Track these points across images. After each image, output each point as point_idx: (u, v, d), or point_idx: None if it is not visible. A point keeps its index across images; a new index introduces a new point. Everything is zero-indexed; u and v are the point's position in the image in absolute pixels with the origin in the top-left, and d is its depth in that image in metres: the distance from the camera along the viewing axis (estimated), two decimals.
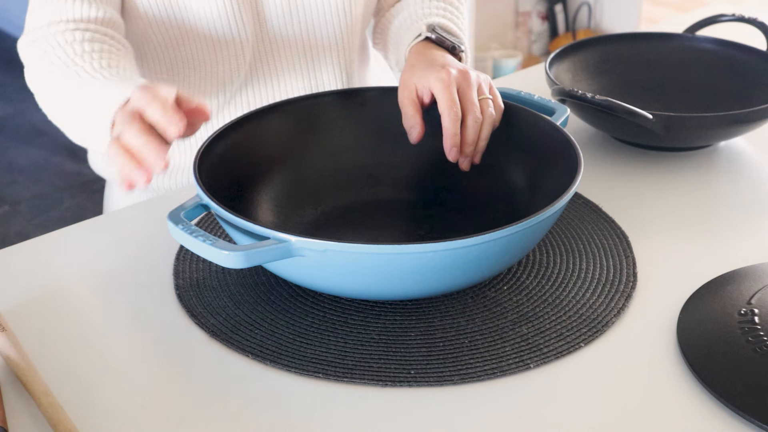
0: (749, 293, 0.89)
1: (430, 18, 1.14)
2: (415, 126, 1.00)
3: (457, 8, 1.19)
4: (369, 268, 0.81)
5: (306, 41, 1.19)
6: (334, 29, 1.19)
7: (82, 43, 1.03)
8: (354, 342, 0.85)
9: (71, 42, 1.03)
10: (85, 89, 0.97)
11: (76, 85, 0.98)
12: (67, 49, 1.02)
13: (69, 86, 1.00)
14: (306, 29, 1.18)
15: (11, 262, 0.99)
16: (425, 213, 1.04)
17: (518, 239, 0.83)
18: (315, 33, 1.18)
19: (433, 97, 1.01)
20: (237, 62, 1.16)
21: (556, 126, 0.99)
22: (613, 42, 1.32)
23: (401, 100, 1.02)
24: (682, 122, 1.11)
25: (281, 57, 1.19)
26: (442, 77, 0.99)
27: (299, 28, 1.17)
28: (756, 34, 1.35)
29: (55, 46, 1.03)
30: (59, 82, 1.01)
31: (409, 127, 1.01)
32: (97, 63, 1.00)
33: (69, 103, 1.00)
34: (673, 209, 1.07)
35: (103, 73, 0.98)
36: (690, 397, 0.79)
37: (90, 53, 1.02)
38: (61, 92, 1.01)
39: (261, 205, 1.00)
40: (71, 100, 0.99)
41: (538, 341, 0.85)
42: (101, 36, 1.05)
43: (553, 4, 3.33)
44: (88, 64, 1.00)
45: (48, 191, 2.83)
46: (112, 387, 0.82)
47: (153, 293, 0.92)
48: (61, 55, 1.02)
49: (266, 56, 1.18)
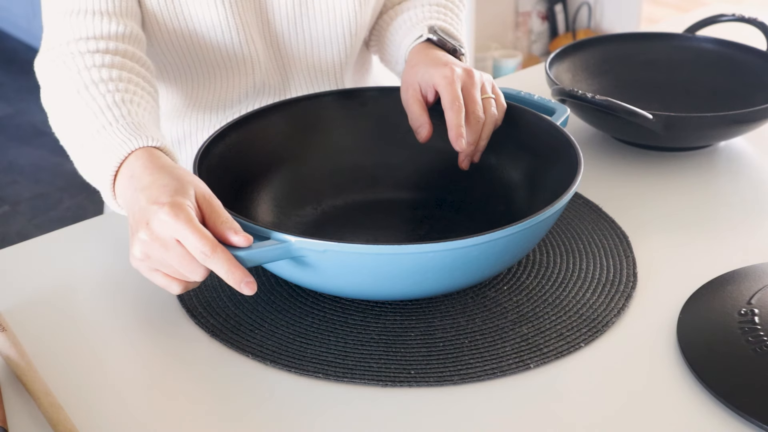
0: (749, 293, 0.89)
1: (431, 21, 1.14)
2: (424, 125, 1.00)
3: (456, 14, 1.19)
4: (369, 268, 0.81)
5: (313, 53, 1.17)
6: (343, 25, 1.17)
7: (101, 69, 0.97)
8: (354, 342, 0.85)
9: (89, 67, 0.97)
10: (89, 128, 0.92)
11: (83, 117, 0.93)
12: (84, 74, 0.96)
13: (76, 116, 0.94)
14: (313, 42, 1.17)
15: (11, 262, 0.99)
16: (425, 213, 1.04)
17: (518, 239, 0.83)
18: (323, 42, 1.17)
19: (437, 95, 1.01)
20: (247, 80, 1.15)
21: (556, 126, 0.99)
22: (613, 42, 1.32)
23: (405, 100, 1.02)
24: (682, 122, 1.11)
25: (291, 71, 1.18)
26: (446, 74, 0.99)
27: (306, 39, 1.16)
28: (756, 34, 1.35)
29: (71, 68, 0.98)
30: (68, 109, 0.96)
31: (417, 127, 1.01)
32: (110, 97, 0.93)
33: (73, 134, 0.95)
34: (673, 209, 1.07)
35: (114, 112, 0.91)
36: (690, 397, 0.79)
37: (106, 82, 0.95)
38: (69, 119, 0.96)
39: (261, 205, 1.00)
40: (76, 132, 0.94)
41: (538, 341, 0.85)
42: (123, 60, 1.00)
43: (553, 4, 3.33)
44: (101, 99, 0.93)
45: (48, 191, 2.83)
46: (112, 387, 0.82)
47: (153, 293, 0.92)
48: (76, 79, 0.96)
49: (276, 73, 1.17)
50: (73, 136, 0.94)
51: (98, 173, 0.90)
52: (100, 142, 0.89)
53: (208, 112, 1.19)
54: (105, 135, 0.89)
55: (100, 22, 1.02)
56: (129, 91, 0.96)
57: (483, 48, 3.17)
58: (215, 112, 1.19)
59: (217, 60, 1.13)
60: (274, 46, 1.15)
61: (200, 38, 1.10)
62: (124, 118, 0.90)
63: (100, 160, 0.89)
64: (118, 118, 0.90)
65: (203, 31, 1.10)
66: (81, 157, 0.93)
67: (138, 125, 0.90)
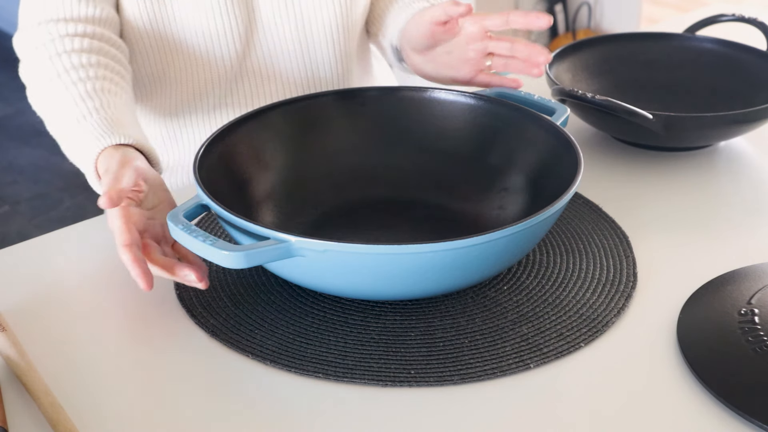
0: (749, 293, 0.89)
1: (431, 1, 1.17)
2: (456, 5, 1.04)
3: None
4: (369, 268, 0.81)
5: (301, 35, 1.18)
6: (330, 23, 1.18)
7: (80, 54, 1.03)
8: (354, 342, 0.85)
9: (67, 51, 1.03)
10: (70, 115, 0.99)
11: (64, 103, 1.00)
12: (64, 59, 1.02)
13: (57, 101, 1.01)
14: (301, 22, 1.17)
15: (11, 262, 0.99)
16: (425, 213, 1.04)
17: (518, 239, 0.83)
18: (311, 25, 1.17)
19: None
20: (229, 56, 1.16)
21: (556, 126, 0.99)
22: (613, 42, 1.32)
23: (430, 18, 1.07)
24: (682, 122, 1.11)
25: (276, 51, 1.18)
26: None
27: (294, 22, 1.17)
28: (756, 34, 1.35)
29: (51, 51, 1.03)
30: (49, 91, 1.02)
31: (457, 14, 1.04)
32: (88, 85, 1.00)
33: (55, 119, 1.01)
34: (674, 209, 1.07)
35: (88, 104, 0.99)
36: (690, 397, 0.79)
37: (86, 67, 1.02)
38: (50, 102, 1.02)
39: (261, 205, 1.00)
40: (57, 117, 1.01)
41: (538, 341, 0.85)
42: (98, 43, 1.05)
43: (553, 4, 3.33)
44: (80, 86, 1.00)
45: (48, 191, 2.83)
46: (112, 387, 0.82)
47: (153, 293, 0.92)
48: (55, 62, 1.02)
49: (260, 49, 1.17)
50: (54, 121, 1.01)
51: (80, 162, 0.99)
52: (79, 132, 0.97)
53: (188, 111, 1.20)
54: (84, 126, 0.97)
55: (78, 4, 1.07)
56: (106, 78, 1.02)
57: None
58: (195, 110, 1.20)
59: (194, 32, 1.13)
60: (256, 21, 1.15)
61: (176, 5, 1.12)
62: (98, 112, 0.98)
63: (81, 151, 0.97)
64: (92, 111, 0.98)
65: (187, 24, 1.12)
66: (64, 144, 1.01)
67: (112, 121, 0.97)
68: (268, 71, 1.19)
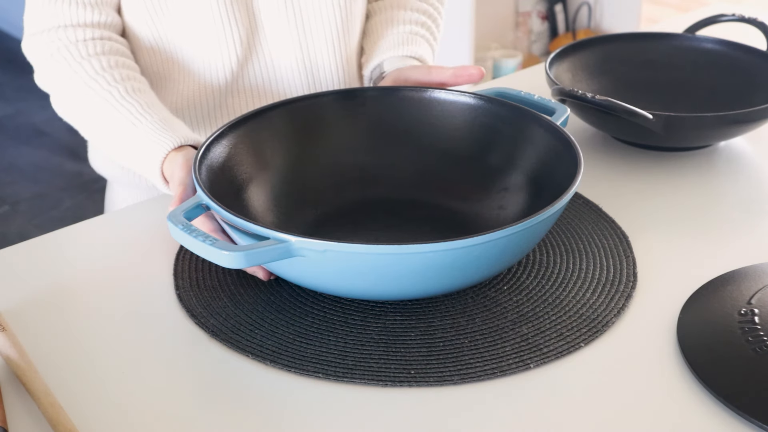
0: (749, 293, 0.89)
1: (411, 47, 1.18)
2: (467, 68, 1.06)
3: (435, 21, 1.24)
4: (369, 268, 0.81)
5: (302, 38, 1.18)
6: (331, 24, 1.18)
7: (100, 57, 1.05)
8: (354, 342, 0.85)
9: (89, 56, 1.05)
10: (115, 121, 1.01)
11: (103, 108, 1.02)
12: (85, 64, 1.04)
13: (94, 106, 1.03)
14: (302, 26, 1.17)
15: (11, 262, 0.99)
16: (425, 213, 1.04)
17: (518, 239, 0.83)
18: (311, 29, 1.17)
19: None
20: (230, 60, 1.16)
21: (556, 126, 0.99)
22: (613, 42, 1.32)
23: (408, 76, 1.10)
24: (682, 122, 1.11)
25: (276, 55, 1.18)
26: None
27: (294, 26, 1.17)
28: (756, 34, 1.35)
29: (69, 58, 1.05)
30: (84, 100, 1.03)
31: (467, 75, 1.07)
32: (122, 87, 1.03)
33: (97, 125, 1.04)
34: (674, 209, 1.07)
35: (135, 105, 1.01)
36: (690, 397, 0.79)
37: (112, 69, 1.04)
38: (85, 109, 1.04)
39: (261, 205, 1.00)
40: (99, 123, 1.03)
41: (538, 341, 0.85)
42: (112, 45, 1.07)
43: (553, 4, 3.33)
44: (115, 89, 1.02)
45: (48, 191, 2.83)
46: (112, 387, 0.82)
47: (153, 293, 0.92)
48: (79, 71, 1.04)
49: (261, 54, 1.17)
50: (96, 128, 1.03)
51: (141, 169, 1.01)
52: (136, 138, 1.00)
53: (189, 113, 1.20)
54: (140, 130, 1.00)
55: (84, 11, 1.07)
56: (133, 79, 1.05)
57: (483, 48, 3.17)
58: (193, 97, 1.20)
59: (194, 33, 1.13)
60: (256, 21, 1.15)
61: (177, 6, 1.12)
62: (144, 116, 1.01)
63: (143, 157, 1.00)
64: (139, 117, 1.00)
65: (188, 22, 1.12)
66: (118, 150, 1.03)
67: (163, 121, 1.01)
68: (269, 76, 1.19)
